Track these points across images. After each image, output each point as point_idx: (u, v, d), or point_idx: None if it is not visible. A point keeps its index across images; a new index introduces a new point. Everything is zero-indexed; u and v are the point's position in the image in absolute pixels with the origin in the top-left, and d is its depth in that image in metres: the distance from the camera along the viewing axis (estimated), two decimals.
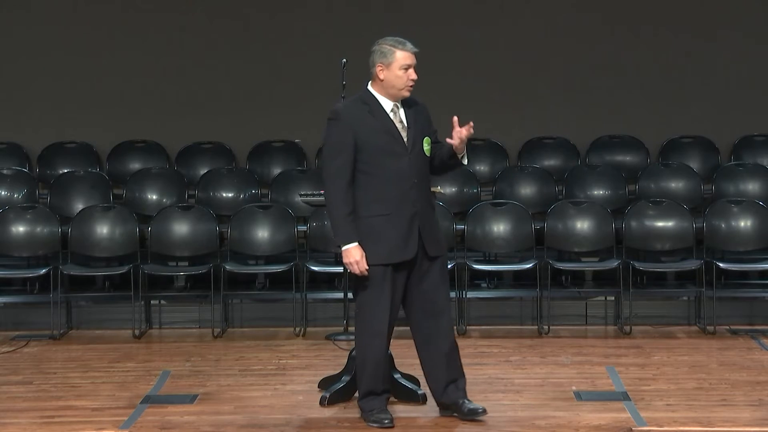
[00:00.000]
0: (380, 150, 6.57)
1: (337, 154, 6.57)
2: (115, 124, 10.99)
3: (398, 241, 6.57)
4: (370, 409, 6.71)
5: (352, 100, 6.71)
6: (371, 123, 6.59)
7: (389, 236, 6.57)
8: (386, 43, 6.65)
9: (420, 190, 6.61)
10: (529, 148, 10.98)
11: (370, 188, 6.57)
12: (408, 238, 6.58)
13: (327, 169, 6.63)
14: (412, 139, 6.61)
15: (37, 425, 6.83)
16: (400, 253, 6.59)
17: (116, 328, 9.73)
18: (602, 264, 9.82)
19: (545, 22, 11.06)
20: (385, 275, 6.60)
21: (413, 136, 6.62)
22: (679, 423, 6.74)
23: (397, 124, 6.62)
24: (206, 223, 9.91)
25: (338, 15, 11.06)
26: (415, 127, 6.64)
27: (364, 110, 6.61)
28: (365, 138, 6.56)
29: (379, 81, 6.63)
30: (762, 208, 9.88)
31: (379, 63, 6.62)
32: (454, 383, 6.77)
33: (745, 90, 11.00)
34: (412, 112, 6.66)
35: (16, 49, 11.06)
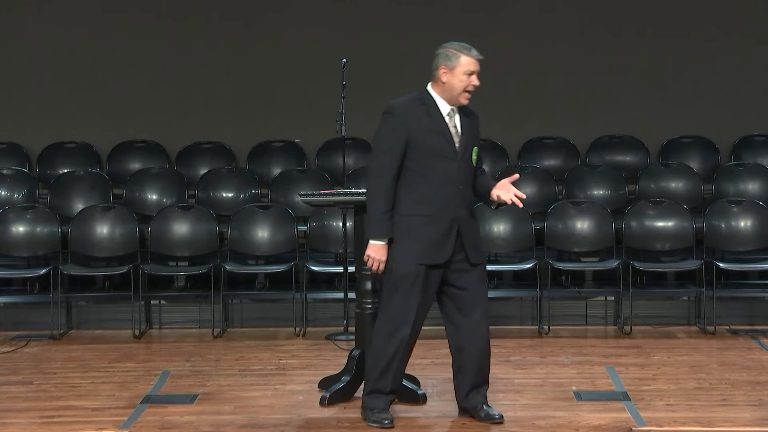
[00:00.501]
0: (432, 151, 6.55)
1: (387, 149, 6.54)
2: (115, 124, 10.99)
3: (434, 243, 6.54)
4: (372, 407, 6.69)
5: (410, 97, 6.65)
6: (426, 123, 6.56)
7: (426, 237, 6.54)
8: (452, 48, 6.62)
9: (464, 196, 6.60)
10: (529, 148, 10.98)
11: (416, 188, 6.54)
12: (444, 242, 6.55)
13: (374, 162, 6.59)
14: (463, 146, 6.59)
15: (37, 425, 6.83)
16: (434, 255, 6.54)
17: (116, 328, 9.73)
18: (602, 264, 9.82)
19: (545, 23, 11.06)
20: (417, 276, 6.55)
21: (465, 142, 6.60)
22: (679, 423, 6.74)
23: (451, 129, 6.59)
24: (206, 223, 9.91)
25: (338, 15, 11.07)
26: (468, 134, 6.62)
27: (422, 110, 6.59)
28: (419, 137, 6.53)
29: (441, 83, 6.60)
30: (762, 208, 9.88)
31: (443, 66, 6.59)
32: (477, 389, 6.77)
33: (745, 90, 11.00)
34: (466, 120, 6.65)
35: (16, 49, 11.07)
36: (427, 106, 6.60)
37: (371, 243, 6.56)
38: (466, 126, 6.63)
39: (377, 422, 6.65)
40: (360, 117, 10.08)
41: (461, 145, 6.59)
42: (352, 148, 10.68)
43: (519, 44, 11.06)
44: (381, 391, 6.69)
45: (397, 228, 6.54)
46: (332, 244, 9.91)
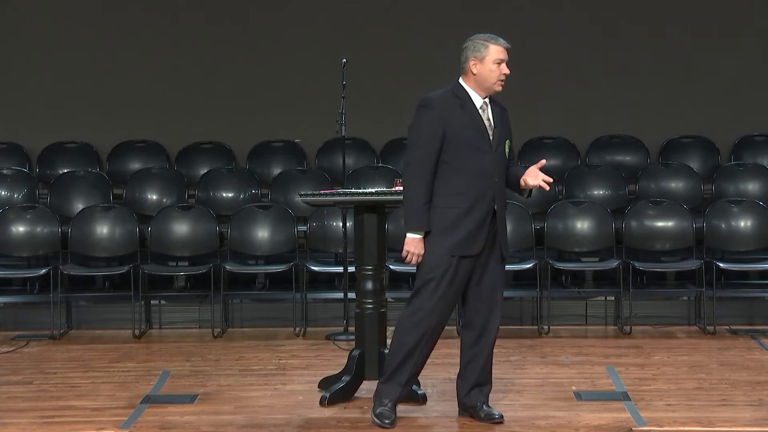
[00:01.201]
0: (467, 144, 6.56)
1: (424, 143, 6.54)
2: (115, 124, 10.99)
3: (468, 235, 6.54)
4: (384, 396, 6.69)
5: (444, 90, 6.66)
6: (461, 116, 6.58)
7: (461, 229, 6.54)
8: (479, 39, 6.66)
9: (499, 189, 6.61)
10: (530, 148, 10.98)
11: (452, 181, 6.55)
12: (477, 234, 6.55)
13: (410, 155, 6.59)
14: (497, 138, 6.61)
15: (37, 425, 6.83)
16: (467, 247, 6.55)
17: (116, 328, 9.73)
18: (602, 264, 9.82)
19: (545, 22, 11.06)
20: (448, 268, 6.56)
21: (498, 135, 6.62)
22: (679, 423, 6.74)
23: (485, 121, 6.61)
24: (206, 223, 9.91)
25: (338, 15, 11.07)
26: (501, 127, 6.65)
27: (456, 103, 6.60)
28: (454, 130, 6.55)
29: (472, 75, 6.62)
30: (762, 208, 9.88)
31: (473, 57, 6.62)
32: (479, 387, 6.78)
33: (745, 90, 11.01)
34: (498, 113, 6.68)
35: (16, 49, 11.07)
36: (461, 99, 6.61)
37: (409, 236, 6.56)
38: (498, 118, 6.66)
39: (378, 418, 6.66)
40: (360, 117, 10.10)
41: (495, 137, 6.61)
42: (352, 148, 10.68)
43: (519, 44, 10.97)
44: (397, 381, 6.69)
45: (433, 221, 6.56)
46: (332, 244, 9.91)
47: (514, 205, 9.94)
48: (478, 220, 6.56)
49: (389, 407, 6.69)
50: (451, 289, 6.60)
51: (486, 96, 6.64)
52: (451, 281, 6.58)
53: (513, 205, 9.94)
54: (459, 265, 6.57)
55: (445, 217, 6.55)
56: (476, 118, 6.59)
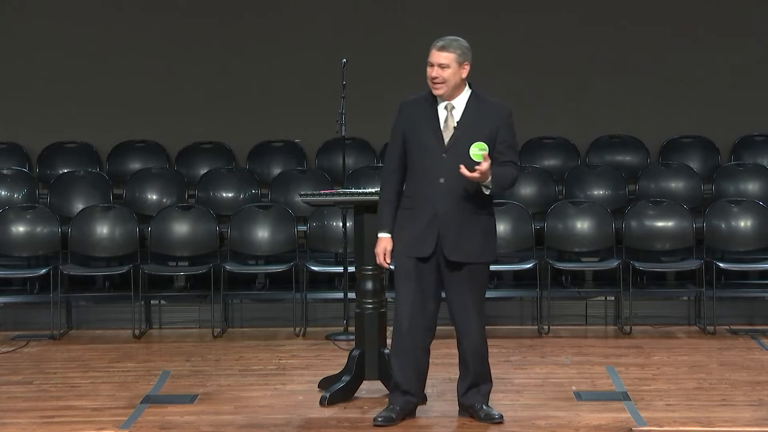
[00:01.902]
0: (418, 145, 6.60)
1: (390, 145, 6.73)
2: (115, 124, 10.99)
3: (416, 237, 6.57)
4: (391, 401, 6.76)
5: (420, 94, 6.72)
6: (420, 118, 6.63)
7: (410, 230, 6.59)
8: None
9: (448, 191, 6.53)
10: (530, 148, 10.97)
11: (409, 182, 6.63)
12: (425, 236, 6.56)
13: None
14: (454, 140, 6.57)
15: (37, 425, 6.83)
16: (416, 249, 6.58)
17: (116, 328, 9.73)
18: (602, 264, 9.82)
19: (545, 22, 11.06)
20: (409, 269, 6.60)
21: (459, 137, 6.56)
22: (679, 423, 6.74)
23: (441, 122, 6.60)
24: (206, 223, 9.91)
25: (338, 15, 11.06)
26: (469, 129, 6.56)
27: (423, 106, 6.66)
28: (410, 132, 6.62)
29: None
30: (762, 208, 9.88)
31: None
32: (475, 387, 6.78)
33: (745, 90, 11.00)
34: (474, 115, 6.61)
35: (16, 49, 11.06)
36: (428, 102, 6.65)
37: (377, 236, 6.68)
38: (471, 120, 6.59)
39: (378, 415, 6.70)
40: (360, 117, 10.09)
41: (452, 138, 6.56)
42: (352, 148, 10.68)
43: (519, 44, 11.06)
44: (399, 388, 6.73)
45: (396, 222, 6.63)
46: (332, 244, 9.91)
47: (514, 205, 9.95)
48: (424, 222, 6.56)
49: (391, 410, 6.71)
50: (418, 291, 6.60)
51: (451, 98, 6.61)
52: (414, 283, 6.60)
53: (513, 205, 9.95)
54: (421, 266, 6.58)
55: (401, 218, 6.63)
56: (432, 119, 6.60)
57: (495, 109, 6.66)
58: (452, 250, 6.56)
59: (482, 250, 6.64)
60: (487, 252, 6.67)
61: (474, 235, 6.60)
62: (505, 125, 6.65)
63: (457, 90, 6.63)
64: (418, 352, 6.72)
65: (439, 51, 6.60)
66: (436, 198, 6.54)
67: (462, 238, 6.57)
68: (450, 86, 6.59)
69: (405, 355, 6.70)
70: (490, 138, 6.58)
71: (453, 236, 6.56)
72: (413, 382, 6.74)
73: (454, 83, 6.59)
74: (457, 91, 6.63)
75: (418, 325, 6.66)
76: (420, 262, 6.59)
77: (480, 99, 6.67)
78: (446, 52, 6.59)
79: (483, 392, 6.79)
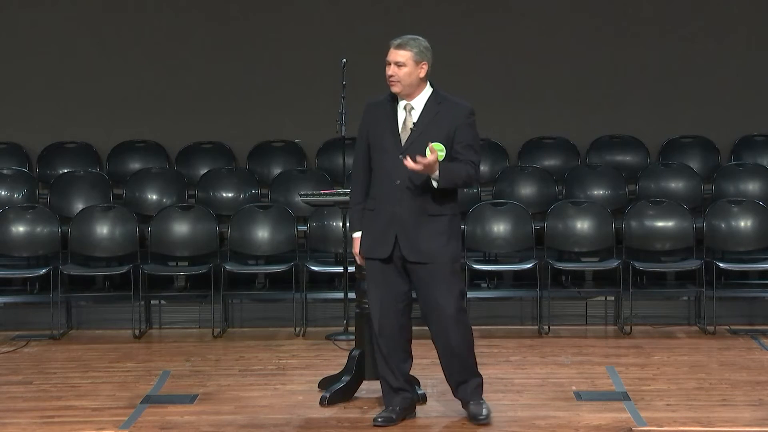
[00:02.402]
0: (378, 147, 6.62)
1: (357, 144, 6.75)
2: (115, 124, 10.99)
3: (375, 238, 6.60)
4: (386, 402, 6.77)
5: (386, 94, 6.72)
6: (381, 119, 6.64)
7: (371, 232, 6.63)
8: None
9: (407, 192, 6.50)
10: (529, 148, 10.98)
11: (373, 183, 6.65)
12: (382, 238, 6.58)
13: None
14: (411, 140, 6.55)
15: (37, 425, 6.83)
16: (376, 250, 6.61)
17: (116, 328, 9.72)
18: (602, 264, 9.82)
19: (545, 22, 11.06)
20: (373, 270, 6.63)
21: (416, 137, 6.54)
22: (679, 423, 6.75)
23: (399, 122, 6.59)
24: (206, 223, 9.91)
25: (338, 15, 11.06)
26: (426, 128, 6.54)
27: (386, 106, 6.66)
28: (372, 133, 6.64)
29: None
30: (762, 208, 9.88)
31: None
32: (463, 384, 6.77)
33: (745, 90, 11.00)
34: (432, 115, 6.58)
35: (16, 48, 11.06)
36: (391, 103, 6.66)
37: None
38: (429, 119, 6.55)
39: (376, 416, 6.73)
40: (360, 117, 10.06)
41: (409, 139, 6.54)
42: (352, 148, 10.59)
43: (519, 44, 11.06)
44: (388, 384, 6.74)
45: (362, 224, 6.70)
46: (332, 244, 9.90)
47: (514, 205, 9.95)
48: (383, 223, 6.56)
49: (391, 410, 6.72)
50: (386, 292, 6.61)
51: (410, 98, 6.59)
52: (381, 284, 6.61)
53: (513, 205, 9.96)
54: (384, 267, 6.59)
55: (365, 220, 6.67)
56: (392, 120, 6.60)
57: (454, 109, 6.59)
58: (410, 251, 6.54)
59: (442, 250, 6.57)
60: (449, 252, 6.58)
61: (433, 236, 6.55)
62: (464, 125, 6.57)
63: (415, 90, 6.59)
64: (397, 351, 6.71)
65: (395, 49, 6.59)
66: (393, 199, 6.53)
67: (420, 239, 6.54)
68: (406, 85, 6.55)
69: (385, 355, 6.70)
70: (448, 138, 6.53)
71: (410, 237, 6.53)
72: (401, 380, 6.74)
73: (410, 82, 6.55)
74: (416, 91, 6.59)
75: (390, 324, 6.67)
76: (383, 263, 6.60)
77: (441, 99, 6.61)
78: (403, 50, 6.57)
79: (470, 388, 6.76)
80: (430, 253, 6.56)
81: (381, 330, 6.68)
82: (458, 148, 6.54)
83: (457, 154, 6.54)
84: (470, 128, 6.60)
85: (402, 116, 6.61)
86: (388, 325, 6.67)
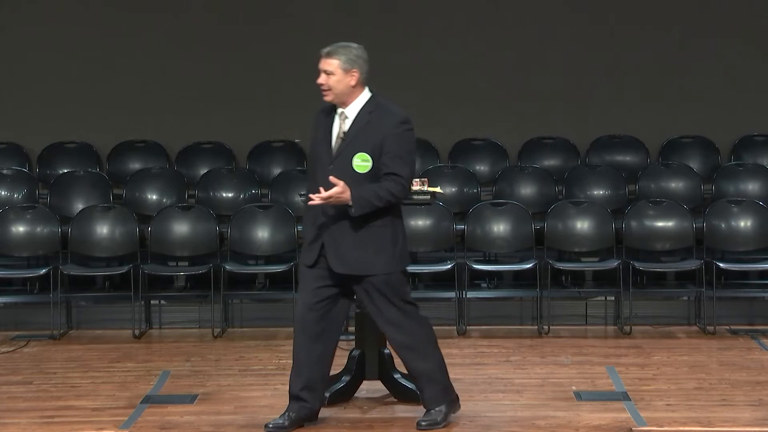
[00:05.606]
0: (315, 155, 6.59)
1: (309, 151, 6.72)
2: (115, 124, 10.99)
3: (306, 245, 6.59)
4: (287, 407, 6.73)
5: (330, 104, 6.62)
6: (320, 127, 6.59)
7: (306, 240, 6.61)
8: None
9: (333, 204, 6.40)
10: (529, 148, 10.97)
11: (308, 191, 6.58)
12: (309, 246, 6.55)
13: None
14: (339, 150, 6.47)
15: (37, 425, 6.83)
16: (305, 256, 6.59)
17: (116, 328, 9.72)
18: (602, 264, 9.82)
19: (545, 22, 11.06)
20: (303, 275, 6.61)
21: (344, 147, 6.46)
22: (679, 423, 6.75)
23: (333, 132, 6.53)
24: (206, 223, 9.91)
25: (338, 15, 11.06)
26: (354, 139, 6.45)
27: (328, 114, 6.60)
28: (313, 141, 6.62)
29: None
30: (762, 208, 9.88)
31: None
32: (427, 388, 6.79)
33: (745, 90, 11.00)
34: (361, 124, 6.48)
35: (16, 49, 11.06)
36: (329, 111, 6.59)
37: None
38: (358, 130, 6.46)
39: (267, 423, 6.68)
40: None
41: (338, 149, 6.47)
42: None
43: (519, 44, 11.06)
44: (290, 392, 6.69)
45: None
46: None
47: (514, 205, 9.96)
48: (312, 232, 6.52)
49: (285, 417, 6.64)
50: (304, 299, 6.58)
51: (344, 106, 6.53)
52: (302, 291, 6.59)
53: (513, 205, 9.96)
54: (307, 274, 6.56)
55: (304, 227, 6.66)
56: (327, 129, 6.54)
57: (386, 118, 6.45)
58: (336, 262, 6.47)
59: (372, 262, 6.46)
60: (380, 264, 6.46)
61: (362, 247, 6.45)
62: (393, 135, 6.40)
63: (348, 98, 6.50)
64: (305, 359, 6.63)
65: (324, 58, 6.52)
66: (322, 209, 6.45)
67: (347, 250, 6.45)
68: (336, 93, 6.47)
69: (295, 360, 6.68)
70: (376, 149, 6.41)
71: (336, 247, 6.45)
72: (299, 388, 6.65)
73: (340, 90, 6.47)
74: (349, 99, 6.50)
75: (301, 331, 6.62)
76: (308, 269, 6.56)
77: (375, 107, 6.49)
78: (331, 58, 6.49)
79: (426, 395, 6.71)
80: (357, 265, 6.46)
81: (300, 337, 6.62)
82: (385, 159, 6.40)
83: (383, 166, 6.40)
84: (399, 138, 6.41)
85: (337, 125, 6.53)
86: (299, 331, 6.62)
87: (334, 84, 6.47)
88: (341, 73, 6.47)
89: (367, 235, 6.45)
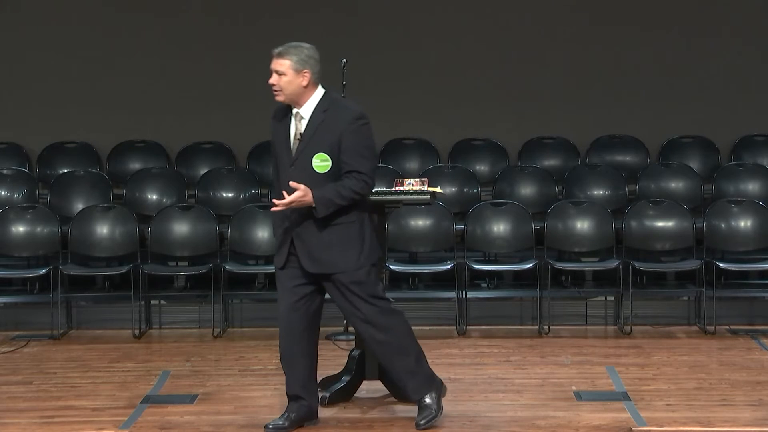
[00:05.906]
0: (276, 157, 6.56)
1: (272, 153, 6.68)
2: (115, 124, 10.99)
3: (277, 247, 6.59)
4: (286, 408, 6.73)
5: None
6: (278, 129, 6.54)
7: (276, 242, 6.61)
8: None
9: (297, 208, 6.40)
10: (529, 148, 10.98)
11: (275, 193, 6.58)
12: (279, 247, 6.56)
13: None
14: (298, 152, 6.44)
15: (37, 425, 6.83)
16: (276, 259, 6.60)
17: (116, 328, 9.72)
18: (602, 264, 9.82)
19: (545, 22, 11.06)
20: (278, 278, 6.62)
21: (303, 148, 6.43)
22: (679, 423, 6.74)
23: (291, 133, 6.50)
24: (206, 223, 9.91)
25: (338, 15, 11.06)
26: (311, 139, 6.42)
27: (285, 115, 6.54)
28: (273, 143, 6.58)
29: None
30: (762, 208, 9.88)
31: None
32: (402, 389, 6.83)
33: (745, 90, 11.00)
34: (317, 123, 6.44)
35: (16, 49, 11.06)
36: (286, 111, 6.54)
37: None
38: (315, 129, 6.42)
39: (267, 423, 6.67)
40: None
41: (297, 151, 6.44)
42: None
43: (519, 44, 11.06)
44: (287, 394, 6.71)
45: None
46: None
47: (514, 205, 9.96)
48: (280, 234, 6.52)
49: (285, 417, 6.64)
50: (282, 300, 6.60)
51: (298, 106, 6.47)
52: (280, 292, 6.60)
53: (513, 205, 9.96)
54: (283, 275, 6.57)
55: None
56: (285, 130, 6.50)
57: (341, 115, 6.42)
58: (307, 261, 6.49)
59: (340, 259, 6.48)
60: (348, 261, 6.47)
61: (329, 245, 6.46)
62: (350, 131, 6.38)
63: (301, 98, 6.45)
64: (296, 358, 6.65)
65: (276, 58, 6.44)
66: (289, 211, 6.43)
67: (315, 249, 6.46)
68: (288, 94, 6.42)
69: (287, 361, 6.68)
70: (334, 147, 6.40)
71: (306, 247, 6.47)
72: (297, 387, 6.65)
73: (292, 91, 6.41)
74: (302, 99, 6.45)
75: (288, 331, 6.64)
76: (281, 272, 6.59)
77: (330, 105, 6.45)
78: (282, 59, 6.42)
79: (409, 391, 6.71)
80: (327, 264, 6.48)
81: (286, 338, 6.65)
82: (345, 157, 6.39)
83: (344, 164, 6.39)
84: (356, 134, 6.39)
85: (294, 126, 6.50)
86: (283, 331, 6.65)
87: (285, 85, 6.41)
88: (293, 73, 6.41)
89: (334, 233, 6.46)
